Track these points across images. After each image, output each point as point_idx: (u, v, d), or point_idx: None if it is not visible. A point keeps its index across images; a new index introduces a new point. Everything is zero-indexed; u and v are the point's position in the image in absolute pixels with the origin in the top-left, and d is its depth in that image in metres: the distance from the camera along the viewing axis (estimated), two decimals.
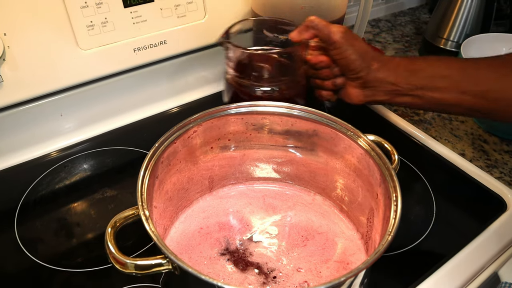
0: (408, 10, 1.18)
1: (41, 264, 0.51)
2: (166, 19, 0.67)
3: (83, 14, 0.60)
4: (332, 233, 0.52)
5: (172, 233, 0.51)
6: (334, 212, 0.54)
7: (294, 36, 0.57)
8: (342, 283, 0.35)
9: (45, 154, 0.67)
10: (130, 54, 0.67)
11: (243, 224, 0.53)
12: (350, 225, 0.53)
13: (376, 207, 0.46)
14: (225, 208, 0.55)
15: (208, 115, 0.51)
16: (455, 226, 0.57)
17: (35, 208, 0.58)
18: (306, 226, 0.52)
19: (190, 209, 0.54)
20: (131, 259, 0.37)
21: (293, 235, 0.51)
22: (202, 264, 0.47)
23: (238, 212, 0.54)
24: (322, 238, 0.51)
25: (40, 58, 0.60)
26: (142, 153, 0.67)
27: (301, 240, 0.51)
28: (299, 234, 0.52)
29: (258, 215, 0.54)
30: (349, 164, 0.51)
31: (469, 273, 0.50)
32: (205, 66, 0.79)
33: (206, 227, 0.52)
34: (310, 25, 0.56)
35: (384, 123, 0.73)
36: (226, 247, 0.49)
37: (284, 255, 0.49)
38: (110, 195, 0.60)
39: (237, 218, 0.53)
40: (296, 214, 0.54)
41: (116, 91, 0.71)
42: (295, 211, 0.54)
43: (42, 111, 0.65)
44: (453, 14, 0.87)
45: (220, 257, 0.48)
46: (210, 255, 0.48)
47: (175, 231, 0.51)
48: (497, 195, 0.60)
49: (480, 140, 0.72)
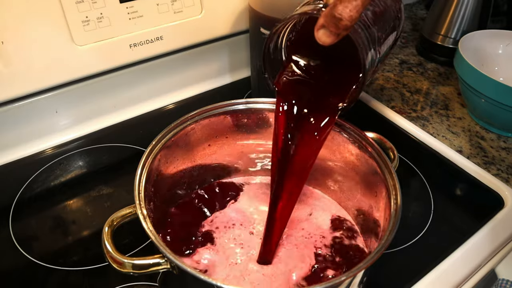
0: (405, 6, 1.17)
1: (36, 262, 0.51)
2: (163, 15, 0.67)
3: (79, 9, 0.59)
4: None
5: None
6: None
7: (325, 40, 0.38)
8: (342, 282, 0.35)
9: (40, 151, 0.66)
10: (126, 50, 0.66)
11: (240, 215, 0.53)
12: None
13: (375, 205, 0.46)
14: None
15: (205, 112, 0.51)
16: (452, 223, 0.58)
17: (30, 206, 0.58)
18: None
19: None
20: (129, 259, 0.37)
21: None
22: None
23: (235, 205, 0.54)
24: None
25: (34, 54, 0.59)
26: (138, 150, 0.66)
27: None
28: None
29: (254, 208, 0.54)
30: (347, 161, 0.51)
31: (467, 270, 0.50)
32: (202, 62, 0.78)
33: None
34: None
35: (380, 119, 0.73)
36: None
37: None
38: (106, 193, 0.60)
39: (235, 211, 0.53)
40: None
41: (112, 87, 0.70)
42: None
43: (37, 107, 0.65)
44: (450, 10, 0.87)
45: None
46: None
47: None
48: (495, 192, 0.60)
49: (477, 137, 0.72)
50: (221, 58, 0.80)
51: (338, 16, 0.34)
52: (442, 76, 0.88)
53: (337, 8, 0.34)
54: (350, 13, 0.34)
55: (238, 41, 0.79)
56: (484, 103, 0.68)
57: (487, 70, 0.69)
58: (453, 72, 0.88)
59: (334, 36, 0.36)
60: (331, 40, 0.36)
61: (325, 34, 0.36)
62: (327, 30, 0.36)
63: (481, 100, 0.68)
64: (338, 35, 0.36)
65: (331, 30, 0.36)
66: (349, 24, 0.35)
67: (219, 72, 0.82)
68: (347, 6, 0.34)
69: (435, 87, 0.85)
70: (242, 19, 0.75)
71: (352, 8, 0.34)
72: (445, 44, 0.89)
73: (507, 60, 0.78)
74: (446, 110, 0.78)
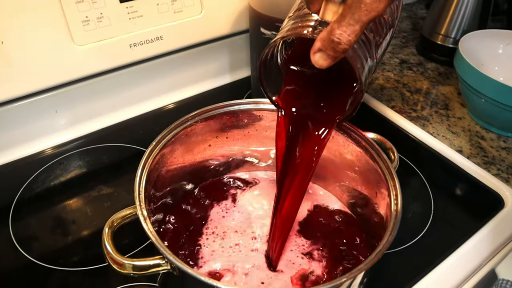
0: (405, 6, 1.18)
1: (36, 262, 0.51)
2: (163, 15, 0.67)
3: (79, 9, 0.59)
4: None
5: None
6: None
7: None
8: (342, 283, 0.35)
9: (40, 151, 0.66)
10: (126, 50, 0.66)
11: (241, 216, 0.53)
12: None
13: (376, 205, 0.46)
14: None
15: (205, 113, 0.51)
16: (453, 223, 0.58)
17: (30, 206, 0.58)
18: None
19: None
20: (129, 260, 0.37)
21: None
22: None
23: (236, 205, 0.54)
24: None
25: (34, 53, 0.59)
26: (138, 150, 0.66)
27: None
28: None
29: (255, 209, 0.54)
30: (348, 161, 0.51)
31: (467, 270, 0.50)
32: (202, 62, 0.78)
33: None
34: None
35: (381, 119, 0.73)
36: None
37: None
38: (106, 193, 0.60)
39: (235, 211, 0.53)
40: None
41: (112, 87, 0.70)
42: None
43: (36, 107, 0.65)
44: (451, 10, 0.87)
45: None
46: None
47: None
48: (495, 192, 0.60)
49: (477, 137, 0.72)
50: (221, 58, 0.80)
51: (337, 40, 0.33)
52: (442, 76, 0.88)
53: (335, 32, 0.33)
54: (348, 38, 0.33)
55: (238, 41, 0.79)
56: (484, 103, 0.68)
57: (487, 70, 0.69)
58: (453, 71, 0.88)
59: (331, 59, 0.35)
60: (328, 63, 0.36)
61: (322, 58, 0.35)
62: (324, 54, 0.35)
63: (481, 100, 0.68)
64: (336, 58, 0.35)
65: (328, 53, 0.35)
66: (347, 48, 0.34)
67: (219, 72, 0.81)
68: (346, 31, 0.33)
69: (435, 86, 0.85)
70: (242, 19, 0.75)
71: (351, 33, 0.33)
72: (445, 43, 0.89)
73: (507, 60, 0.78)
74: (446, 110, 0.78)
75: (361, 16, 0.32)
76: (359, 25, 0.33)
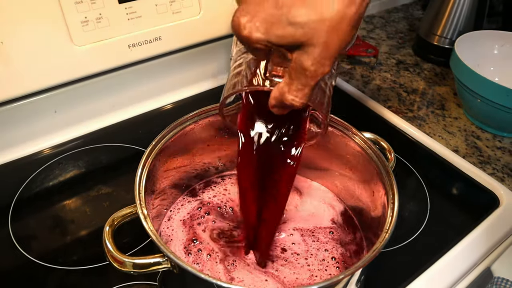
0: (401, 7, 1.18)
1: (36, 262, 0.51)
2: (161, 15, 0.67)
3: (78, 9, 0.59)
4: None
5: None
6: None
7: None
8: (340, 281, 0.36)
9: (39, 151, 0.66)
10: (125, 50, 0.66)
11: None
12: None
13: (373, 204, 0.47)
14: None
15: (205, 113, 0.51)
16: (449, 222, 0.58)
17: (29, 205, 0.58)
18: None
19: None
20: (130, 258, 0.37)
21: None
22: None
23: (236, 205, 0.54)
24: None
25: (33, 54, 0.59)
26: (137, 149, 0.67)
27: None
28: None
29: None
30: (344, 161, 0.52)
31: (463, 269, 0.51)
32: (200, 63, 0.78)
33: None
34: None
35: (377, 119, 0.74)
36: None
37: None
38: (105, 192, 0.60)
39: (236, 211, 0.54)
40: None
41: (111, 87, 0.71)
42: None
43: (36, 107, 0.65)
44: (447, 11, 0.87)
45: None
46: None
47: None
48: (490, 191, 0.60)
49: (473, 137, 0.73)
50: (220, 58, 0.81)
51: (289, 104, 0.34)
52: (439, 76, 0.88)
53: (287, 97, 0.34)
54: (300, 101, 0.34)
55: None
56: (479, 103, 0.69)
57: (483, 70, 0.70)
58: (449, 72, 0.88)
59: (288, 110, 0.37)
60: (286, 112, 0.37)
61: (279, 111, 0.37)
62: (281, 108, 0.36)
63: (476, 100, 0.69)
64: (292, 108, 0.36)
65: (283, 109, 0.36)
66: (300, 106, 0.35)
67: (217, 72, 0.82)
68: (297, 95, 0.34)
69: (432, 87, 0.85)
70: None
71: (302, 96, 0.34)
72: (441, 44, 0.90)
73: (502, 60, 0.79)
74: (442, 110, 0.79)
75: (308, 81, 0.33)
76: (308, 89, 0.33)
